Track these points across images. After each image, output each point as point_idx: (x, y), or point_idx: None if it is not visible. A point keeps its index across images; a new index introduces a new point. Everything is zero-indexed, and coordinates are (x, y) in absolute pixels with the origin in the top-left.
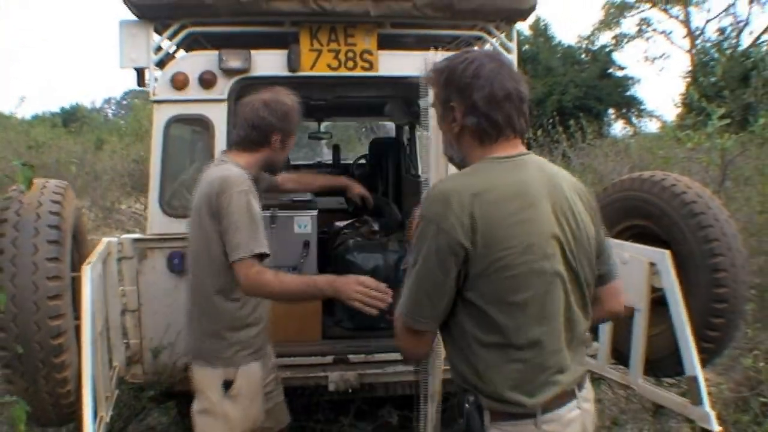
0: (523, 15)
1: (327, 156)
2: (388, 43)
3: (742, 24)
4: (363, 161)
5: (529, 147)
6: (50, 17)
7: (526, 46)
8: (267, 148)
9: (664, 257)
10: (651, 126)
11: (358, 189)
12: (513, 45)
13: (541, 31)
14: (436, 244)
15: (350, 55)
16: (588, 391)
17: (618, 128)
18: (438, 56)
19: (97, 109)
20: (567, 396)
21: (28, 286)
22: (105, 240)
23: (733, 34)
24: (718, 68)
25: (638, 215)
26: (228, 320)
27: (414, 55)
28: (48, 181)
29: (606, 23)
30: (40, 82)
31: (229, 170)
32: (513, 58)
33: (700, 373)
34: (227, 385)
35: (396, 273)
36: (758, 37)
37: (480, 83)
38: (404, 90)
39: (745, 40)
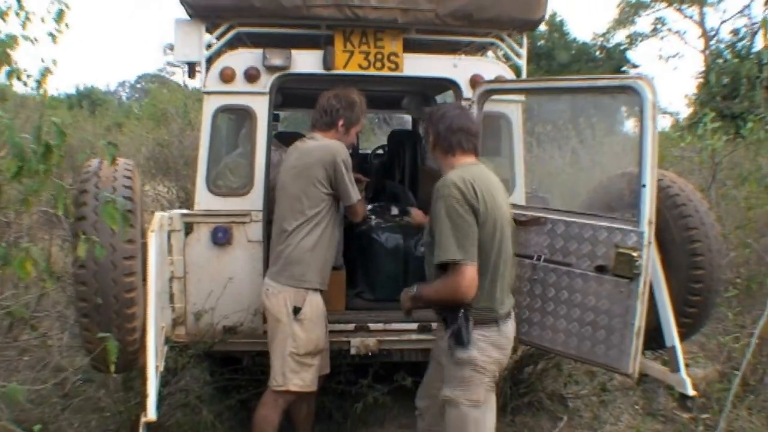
0: (534, 25)
1: None
2: (412, 46)
3: (756, 25)
4: (381, 151)
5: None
6: None
7: (541, 42)
8: (334, 131)
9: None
10: (664, 123)
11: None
12: (523, 51)
13: (556, 26)
14: (463, 207)
15: (379, 56)
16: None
17: (630, 125)
18: (460, 60)
19: (111, 92)
20: (509, 315)
21: (106, 248)
22: (158, 214)
23: (748, 35)
24: (712, 75)
25: (629, 206)
26: None
27: (434, 58)
28: (119, 159)
29: (621, 21)
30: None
31: (332, 142)
32: (522, 62)
33: (678, 345)
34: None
35: (414, 251)
36: None
37: (449, 116)
38: (424, 87)
39: (760, 42)
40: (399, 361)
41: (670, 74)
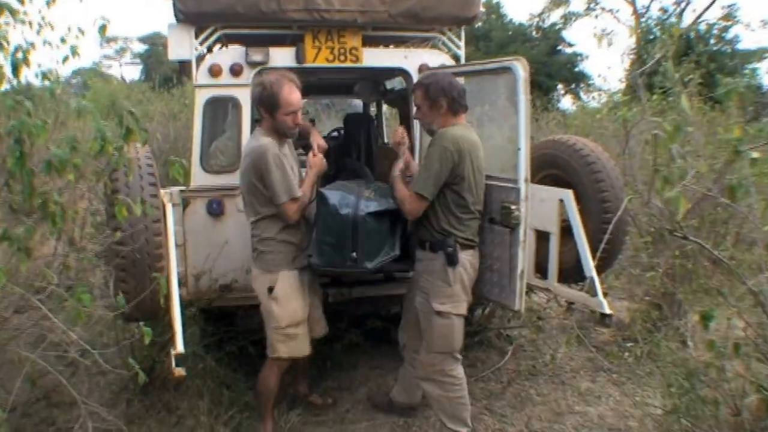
0: (469, 21)
1: None
2: (370, 41)
3: (683, 3)
4: (335, 134)
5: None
6: None
7: (479, 24)
8: (265, 121)
9: (569, 195)
10: (600, 100)
11: (317, 136)
12: (461, 43)
13: (493, 8)
14: (447, 156)
15: (342, 51)
16: None
17: (567, 102)
18: (410, 51)
19: (45, 87)
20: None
21: (141, 215)
22: (161, 191)
23: (676, 12)
24: (650, 47)
25: (553, 166)
26: None
27: (388, 51)
28: (137, 144)
29: (556, 2)
30: None
31: (252, 146)
32: (461, 52)
33: (595, 275)
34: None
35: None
36: (699, 16)
37: (454, 85)
38: (380, 75)
39: (689, 19)
40: (369, 308)
41: (605, 51)
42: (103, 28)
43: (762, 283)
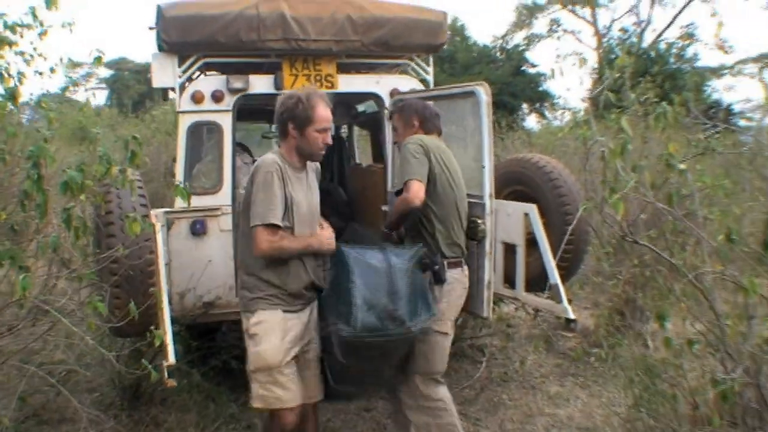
0: (436, 49)
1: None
2: (344, 68)
3: (643, 23)
4: None
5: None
6: None
7: (444, 46)
8: (290, 137)
9: (533, 209)
10: (564, 118)
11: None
12: (429, 68)
13: (458, 31)
14: (417, 150)
15: (318, 77)
16: None
17: (532, 121)
18: (381, 77)
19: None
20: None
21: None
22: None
23: (636, 32)
24: (606, 69)
25: (518, 183)
26: None
27: (361, 77)
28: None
29: (519, 24)
30: None
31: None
32: (430, 77)
33: (560, 282)
34: None
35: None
36: (659, 35)
37: (427, 107)
38: (353, 100)
39: (649, 38)
40: None
41: (569, 73)
42: (98, 60)
43: (706, 277)
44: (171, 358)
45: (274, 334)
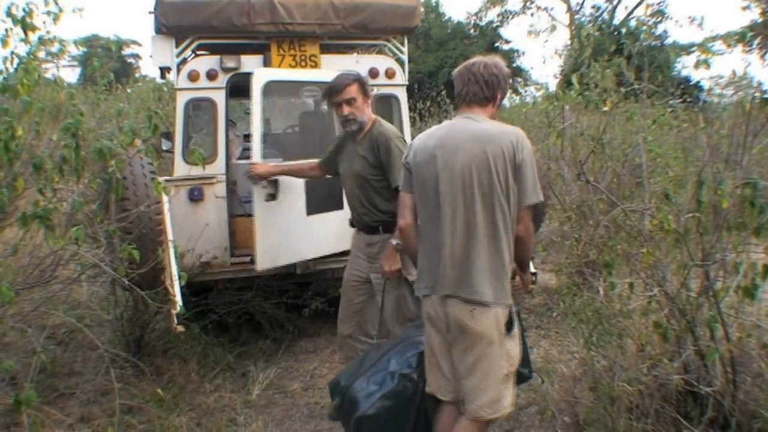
0: (411, 31)
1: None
2: (326, 49)
3: (615, 1)
4: (290, 130)
5: (421, 117)
6: None
7: (417, 29)
8: (491, 106)
9: None
10: (535, 94)
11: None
12: (405, 49)
13: (432, 7)
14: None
15: (303, 58)
16: None
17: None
18: (361, 57)
19: None
20: None
21: (144, 198)
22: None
23: (608, 10)
24: (574, 44)
25: None
26: None
27: (342, 57)
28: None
29: (492, 1)
30: None
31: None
32: (405, 57)
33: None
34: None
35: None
36: (631, 12)
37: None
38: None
39: (621, 15)
40: (332, 277)
41: (541, 48)
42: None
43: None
44: (179, 307)
45: None
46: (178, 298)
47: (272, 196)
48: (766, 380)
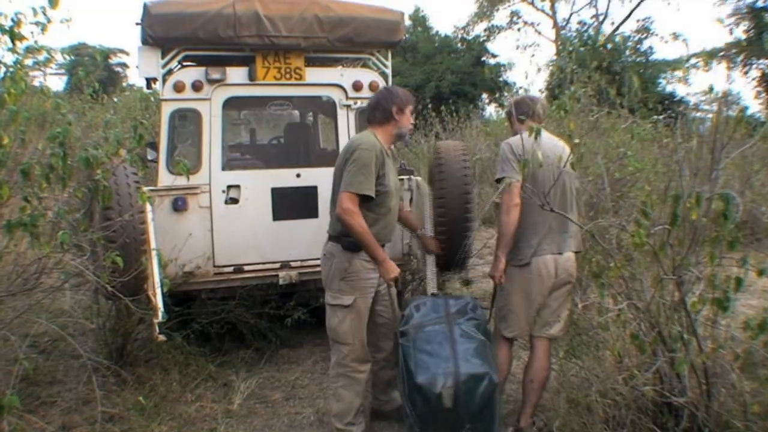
0: (394, 46)
1: (245, 137)
2: (311, 62)
3: (601, 17)
4: (275, 141)
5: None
6: None
7: (406, 36)
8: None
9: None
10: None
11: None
12: (389, 63)
13: (420, 21)
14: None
15: (288, 70)
16: None
17: (492, 111)
18: (345, 70)
19: None
20: None
21: (128, 207)
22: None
23: (594, 25)
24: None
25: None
26: None
27: (327, 69)
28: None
29: (480, 15)
30: None
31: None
32: (388, 71)
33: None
34: None
35: None
36: (616, 28)
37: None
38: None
39: (607, 31)
40: (314, 288)
41: (527, 63)
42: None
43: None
44: (161, 315)
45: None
46: (161, 307)
47: (234, 200)
48: (739, 391)
